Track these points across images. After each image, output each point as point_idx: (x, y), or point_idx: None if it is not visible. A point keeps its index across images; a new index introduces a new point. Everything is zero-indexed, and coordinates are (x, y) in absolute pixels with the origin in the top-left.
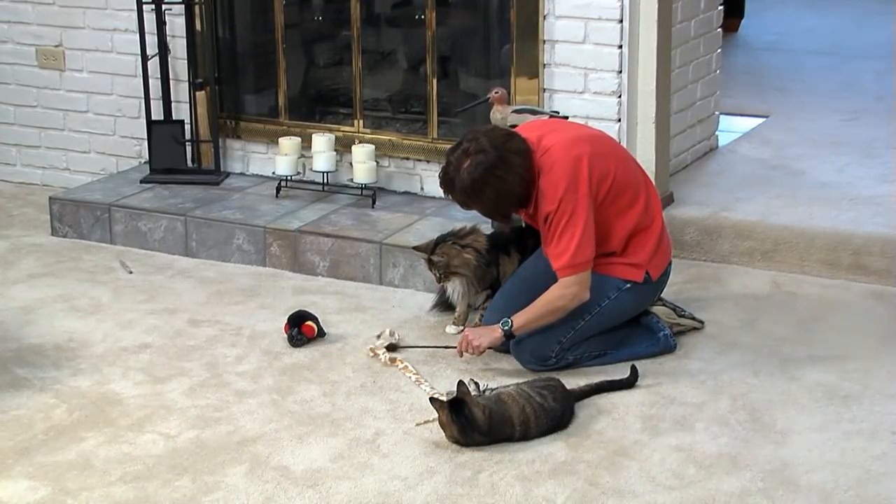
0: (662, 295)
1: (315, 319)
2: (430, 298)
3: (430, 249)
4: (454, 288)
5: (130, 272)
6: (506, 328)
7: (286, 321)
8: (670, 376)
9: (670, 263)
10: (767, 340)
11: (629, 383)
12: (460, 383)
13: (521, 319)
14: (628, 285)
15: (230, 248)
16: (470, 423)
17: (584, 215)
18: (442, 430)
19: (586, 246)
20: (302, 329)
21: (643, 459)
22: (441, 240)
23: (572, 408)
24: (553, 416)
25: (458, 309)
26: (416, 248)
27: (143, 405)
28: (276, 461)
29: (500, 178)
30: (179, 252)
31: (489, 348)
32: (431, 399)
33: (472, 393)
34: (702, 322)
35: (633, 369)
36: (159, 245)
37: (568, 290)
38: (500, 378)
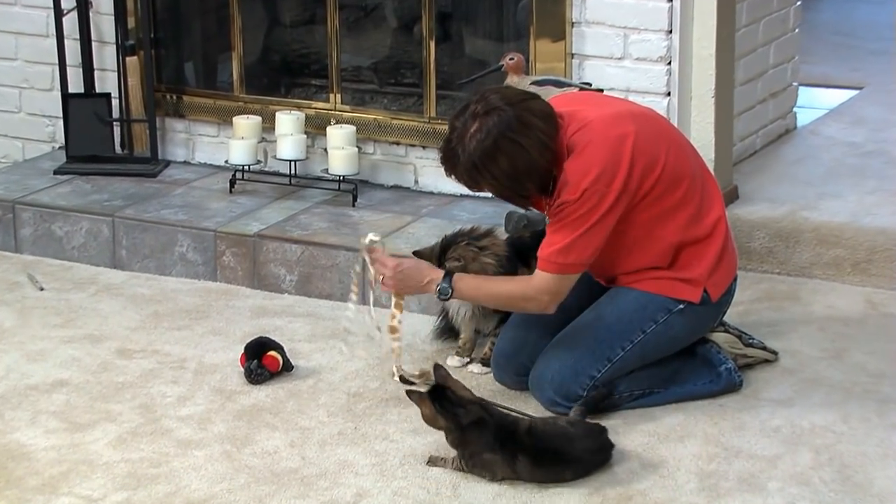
0: (724, 318)
1: (280, 349)
2: (428, 322)
3: (436, 255)
4: (459, 308)
5: (41, 289)
6: (444, 296)
7: (243, 351)
8: (734, 422)
9: (735, 279)
10: (860, 377)
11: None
12: (436, 367)
13: (466, 288)
14: (681, 306)
15: (171, 258)
16: (455, 404)
17: (602, 214)
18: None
19: (584, 248)
20: (263, 361)
21: None
22: (451, 241)
23: (598, 426)
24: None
25: (462, 335)
26: (416, 252)
27: (58, 460)
28: None
29: (515, 142)
30: (105, 263)
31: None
32: (408, 392)
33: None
34: (775, 353)
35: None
36: (79, 254)
37: (540, 296)
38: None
